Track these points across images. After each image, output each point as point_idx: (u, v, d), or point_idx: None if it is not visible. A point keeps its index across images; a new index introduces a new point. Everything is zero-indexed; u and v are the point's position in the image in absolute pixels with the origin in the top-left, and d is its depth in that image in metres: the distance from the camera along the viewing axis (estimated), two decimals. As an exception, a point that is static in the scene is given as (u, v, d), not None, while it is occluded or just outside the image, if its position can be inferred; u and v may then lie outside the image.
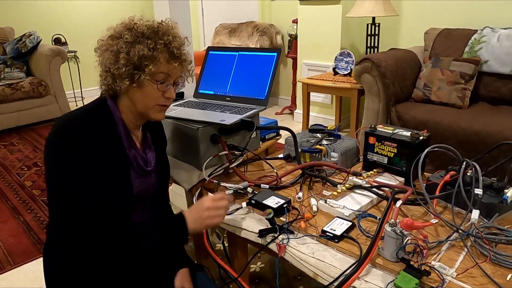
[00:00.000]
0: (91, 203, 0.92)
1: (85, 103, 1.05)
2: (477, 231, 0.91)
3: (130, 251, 1.00)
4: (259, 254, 1.12)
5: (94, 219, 0.93)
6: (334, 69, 3.17)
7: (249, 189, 1.18)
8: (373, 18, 3.05)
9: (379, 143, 1.25)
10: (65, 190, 0.89)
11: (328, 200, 1.08)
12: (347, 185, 1.16)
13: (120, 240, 0.98)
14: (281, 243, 0.96)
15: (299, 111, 3.80)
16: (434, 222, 0.89)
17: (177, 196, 2.31)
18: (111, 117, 0.98)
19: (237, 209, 1.14)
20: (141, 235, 1.02)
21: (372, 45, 3.12)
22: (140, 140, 1.07)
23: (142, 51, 0.91)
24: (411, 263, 0.81)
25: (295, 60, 3.88)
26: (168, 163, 1.18)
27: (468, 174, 1.03)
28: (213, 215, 0.99)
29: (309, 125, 3.30)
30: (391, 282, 0.80)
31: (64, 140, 0.89)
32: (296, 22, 3.73)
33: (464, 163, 1.05)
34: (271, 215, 0.99)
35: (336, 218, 1.02)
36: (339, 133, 1.42)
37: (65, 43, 4.58)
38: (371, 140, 1.27)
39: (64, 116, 0.93)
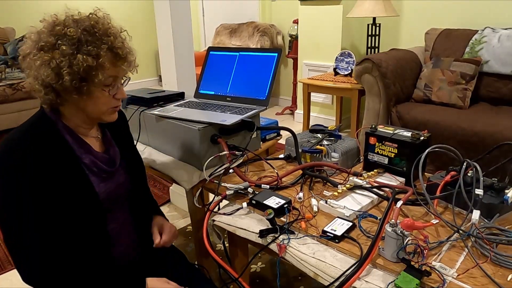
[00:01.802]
0: (58, 221, 0.87)
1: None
2: (477, 231, 0.90)
3: (109, 254, 0.97)
4: (259, 254, 1.12)
5: (66, 232, 0.88)
6: (334, 69, 3.18)
7: (250, 189, 1.18)
8: (374, 19, 3.05)
9: (380, 144, 1.25)
10: (26, 213, 0.84)
11: (328, 200, 1.08)
12: (347, 186, 1.16)
13: (98, 246, 0.95)
14: (281, 243, 0.96)
15: (299, 111, 3.81)
16: (434, 222, 0.89)
17: (177, 196, 2.31)
18: (54, 128, 0.90)
19: (238, 209, 1.14)
20: (122, 236, 1.00)
21: (373, 45, 3.12)
22: (101, 140, 1.01)
23: (86, 61, 0.83)
24: (412, 263, 0.81)
25: (295, 60, 3.88)
26: (139, 157, 1.13)
27: (469, 174, 1.03)
28: None
29: (310, 126, 3.30)
30: (391, 282, 0.80)
31: (11, 166, 0.83)
32: (297, 23, 3.74)
33: (464, 164, 1.05)
34: (271, 215, 0.99)
35: (336, 218, 1.02)
36: (339, 133, 1.42)
37: (66, 43, 4.59)
38: (372, 140, 1.27)
39: (6, 140, 0.86)
